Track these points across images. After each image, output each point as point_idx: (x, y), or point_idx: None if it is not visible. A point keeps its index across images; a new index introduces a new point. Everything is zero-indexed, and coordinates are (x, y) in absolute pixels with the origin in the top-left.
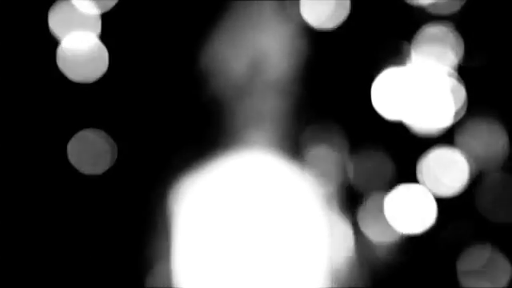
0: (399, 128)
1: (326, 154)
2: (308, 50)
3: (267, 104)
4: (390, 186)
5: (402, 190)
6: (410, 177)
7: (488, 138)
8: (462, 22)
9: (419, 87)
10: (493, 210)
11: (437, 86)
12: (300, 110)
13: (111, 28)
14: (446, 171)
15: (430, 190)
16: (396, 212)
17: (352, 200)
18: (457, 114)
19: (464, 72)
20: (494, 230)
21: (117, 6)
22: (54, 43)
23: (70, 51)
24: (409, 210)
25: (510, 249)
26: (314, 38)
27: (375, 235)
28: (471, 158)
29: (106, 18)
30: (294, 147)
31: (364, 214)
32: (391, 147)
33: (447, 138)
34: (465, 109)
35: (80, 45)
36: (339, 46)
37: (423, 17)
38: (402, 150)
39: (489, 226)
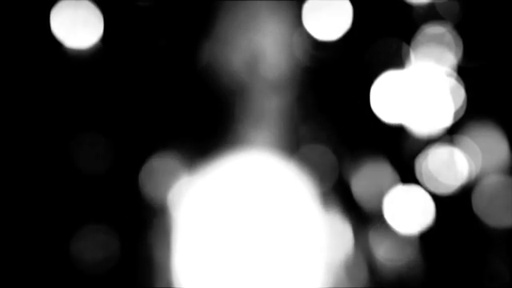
0: (398, 128)
1: (323, 154)
2: (307, 50)
3: (267, 103)
4: (390, 186)
5: (401, 190)
6: (410, 177)
7: (487, 138)
8: (461, 23)
9: (418, 88)
10: (490, 212)
11: (436, 86)
12: (299, 111)
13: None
14: (445, 171)
15: (429, 191)
16: (395, 212)
17: (350, 200)
18: (456, 114)
19: (463, 72)
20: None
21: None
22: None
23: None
24: (408, 210)
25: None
26: (314, 40)
27: (375, 235)
28: (470, 159)
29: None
30: (292, 147)
31: (364, 214)
32: (390, 147)
33: (446, 138)
34: (464, 109)
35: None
36: (338, 46)
37: (423, 17)
38: (401, 151)
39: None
